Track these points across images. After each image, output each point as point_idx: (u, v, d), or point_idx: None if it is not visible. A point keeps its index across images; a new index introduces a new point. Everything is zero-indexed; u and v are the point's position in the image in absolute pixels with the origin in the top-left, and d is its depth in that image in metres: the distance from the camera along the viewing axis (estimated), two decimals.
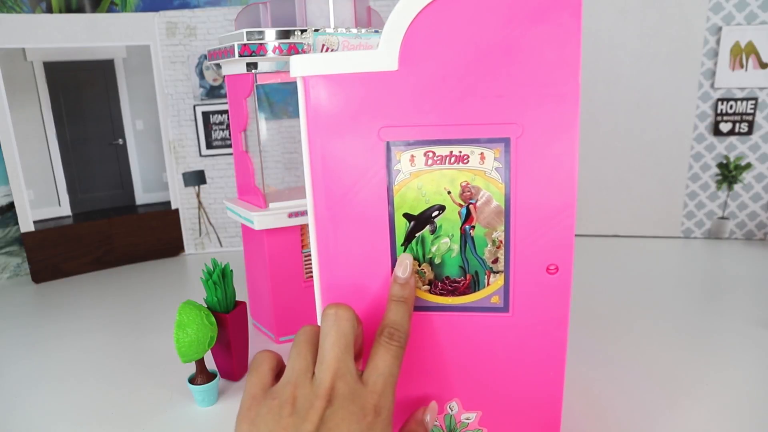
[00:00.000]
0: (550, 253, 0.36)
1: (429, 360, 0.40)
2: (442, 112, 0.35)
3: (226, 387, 0.65)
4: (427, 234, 0.37)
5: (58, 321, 0.86)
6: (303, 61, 0.35)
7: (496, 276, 0.38)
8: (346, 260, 0.38)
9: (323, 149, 0.36)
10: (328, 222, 0.37)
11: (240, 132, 0.75)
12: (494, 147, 0.35)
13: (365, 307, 0.38)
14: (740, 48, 1.01)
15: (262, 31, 0.66)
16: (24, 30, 0.98)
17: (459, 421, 0.41)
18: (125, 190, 1.13)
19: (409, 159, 0.36)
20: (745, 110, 1.04)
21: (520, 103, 0.34)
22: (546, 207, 0.36)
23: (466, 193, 0.36)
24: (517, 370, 0.39)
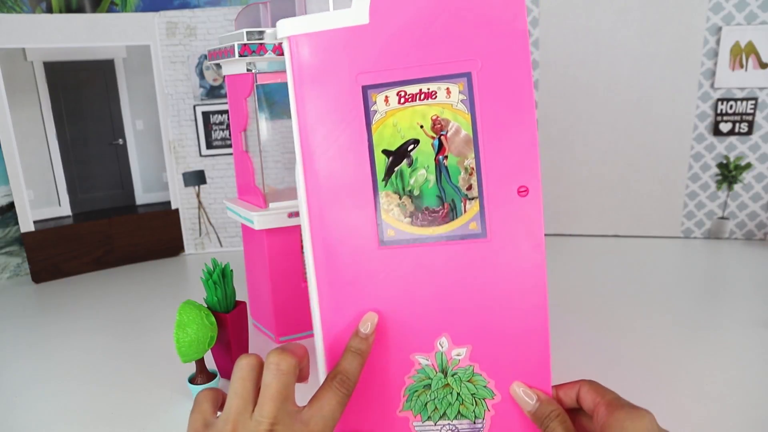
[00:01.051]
0: (518, 176, 0.39)
1: (416, 295, 0.41)
2: (410, 56, 0.39)
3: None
4: (405, 167, 0.40)
5: (58, 321, 0.86)
6: (287, 23, 0.39)
7: (472, 202, 0.40)
8: (332, 197, 0.41)
9: (307, 100, 0.40)
10: (315, 165, 0.41)
11: (240, 132, 0.75)
12: (458, 81, 0.39)
13: (349, 243, 0.41)
14: (740, 48, 1.01)
15: (262, 31, 0.66)
16: (24, 30, 0.98)
17: (450, 358, 0.42)
18: (125, 190, 1.13)
19: (384, 99, 0.40)
20: (745, 110, 1.04)
21: (477, 41, 0.39)
22: (509, 131, 0.39)
23: (437, 125, 0.40)
24: (501, 298, 0.41)
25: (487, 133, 0.40)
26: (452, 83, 0.39)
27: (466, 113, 0.40)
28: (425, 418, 0.42)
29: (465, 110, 0.40)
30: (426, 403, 0.42)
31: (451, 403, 0.42)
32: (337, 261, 0.41)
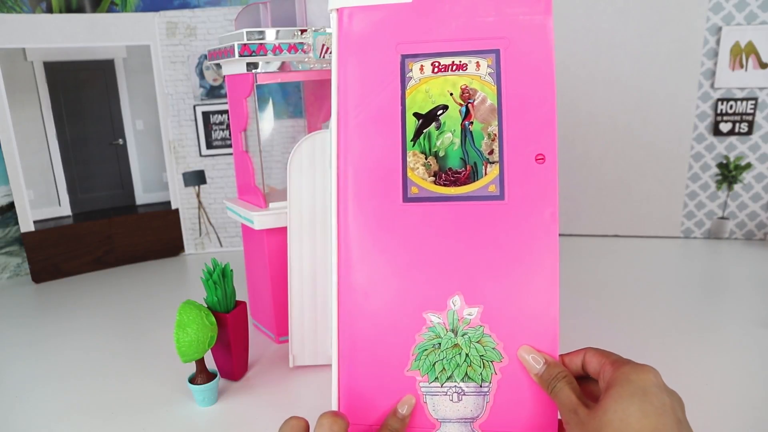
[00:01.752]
0: (537, 144, 0.43)
1: (433, 253, 0.43)
2: (446, 31, 0.43)
3: (226, 387, 0.65)
4: (433, 130, 0.44)
5: (58, 321, 0.86)
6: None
7: (492, 166, 0.43)
8: (363, 152, 0.44)
9: (349, 66, 0.44)
10: (351, 122, 0.44)
11: (240, 132, 0.75)
12: (487, 57, 0.43)
13: (375, 196, 0.44)
14: (740, 48, 1.01)
15: (262, 31, 0.66)
16: (24, 30, 0.98)
17: (461, 317, 0.43)
18: (125, 190, 1.13)
19: (419, 68, 0.44)
20: (745, 110, 1.04)
21: (507, 22, 0.43)
22: (530, 104, 0.43)
23: (465, 94, 0.44)
24: (515, 260, 0.43)
25: (510, 104, 0.43)
26: (482, 58, 0.43)
27: (492, 85, 0.43)
28: (432, 378, 0.43)
29: (492, 82, 0.43)
30: (434, 363, 0.43)
31: (459, 364, 0.43)
32: (362, 213, 0.44)
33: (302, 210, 0.65)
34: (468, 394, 0.43)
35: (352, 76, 0.44)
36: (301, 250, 0.66)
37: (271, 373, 0.68)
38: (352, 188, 0.44)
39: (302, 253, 0.66)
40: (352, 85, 0.44)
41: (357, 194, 0.44)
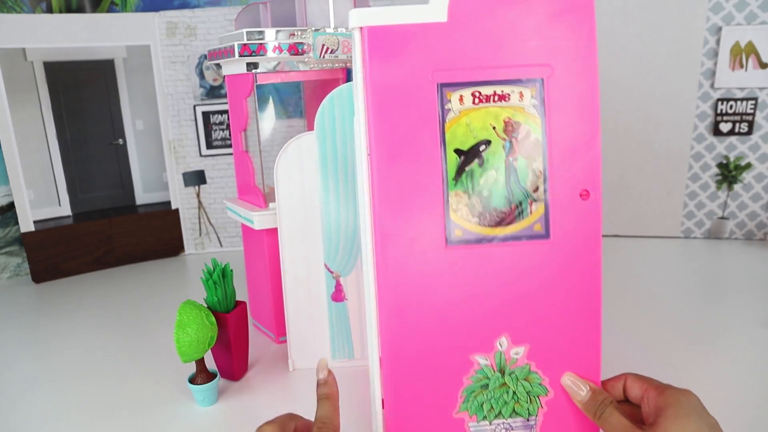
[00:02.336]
0: (582, 180, 0.41)
1: (479, 295, 0.42)
2: (487, 57, 0.40)
3: (226, 387, 0.65)
4: (476, 167, 0.41)
5: (58, 321, 0.86)
6: (361, 13, 0.39)
7: (538, 204, 0.41)
8: (400, 196, 0.40)
9: (380, 94, 0.39)
10: (386, 158, 0.40)
11: (240, 132, 0.75)
12: (531, 86, 0.40)
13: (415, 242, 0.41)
14: (740, 48, 1.01)
15: (262, 31, 0.66)
16: (24, 30, 0.98)
17: (509, 357, 0.43)
18: (125, 190, 1.13)
19: (459, 99, 0.40)
20: (745, 110, 1.04)
21: (551, 48, 0.40)
22: (576, 137, 0.41)
23: (509, 127, 0.41)
24: (559, 297, 0.42)
25: (554, 138, 0.41)
26: (525, 87, 0.41)
27: (536, 117, 0.41)
28: (480, 417, 0.43)
29: (536, 114, 0.41)
30: (482, 403, 0.43)
31: (507, 401, 0.43)
32: (401, 260, 0.41)
33: (292, 213, 0.65)
34: (515, 429, 0.43)
35: (383, 105, 0.39)
36: (293, 253, 0.66)
37: (271, 374, 0.68)
38: (390, 230, 0.40)
39: (294, 255, 0.66)
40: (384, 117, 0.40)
41: (396, 238, 0.40)
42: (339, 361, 0.68)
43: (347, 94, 0.60)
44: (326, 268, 0.65)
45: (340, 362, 0.68)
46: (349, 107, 0.60)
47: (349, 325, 0.67)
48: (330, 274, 0.65)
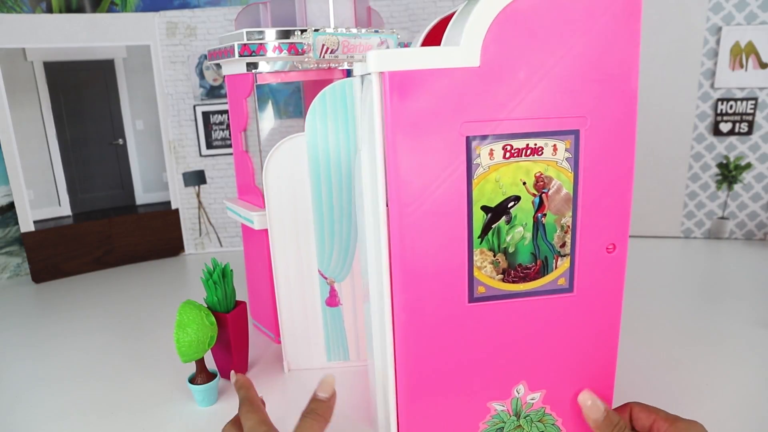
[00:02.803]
0: (609, 234, 0.40)
1: (499, 346, 0.41)
2: (520, 107, 0.37)
3: (226, 387, 0.65)
4: (503, 224, 0.39)
5: (58, 321, 0.86)
6: (383, 56, 0.35)
7: (563, 259, 0.40)
8: (423, 254, 0.38)
9: (403, 146, 0.36)
10: (408, 214, 0.37)
11: (240, 132, 0.75)
12: (565, 139, 0.38)
13: (436, 299, 0.39)
14: (740, 48, 1.01)
15: (262, 31, 0.66)
16: (24, 30, 0.98)
17: (525, 402, 0.43)
18: (125, 190, 1.13)
19: (489, 153, 0.37)
20: (745, 110, 1.04)
21: (588, 98, 0.37)
22: (607, 190, 0.39)
23: (540, 182, 0.39)
24: (578, 346, 0.42)
25: (586, 192, 0.39)
26: (560, 140, 0.38)
27: (569, 172, 0.39)
28: None
29: (569, 169, 0.39)
30: None
31: None
32: (424, 313, 0.39)
33: (283, 219, 0.64)
34: None
35: (406, 159, 0.36)
36: (286, 258, 0.65)
37: (271, 373, 0.68)
38: (411, 287, 0.39)
39: (287, 260, 0.65)
40: (407, 171, 0.36)
41: (417, 294, 0.39)
42: (335, 363, 0.68)
43: (339, 92, 0.59)
44: (320, 275, 0.65)
45: (336, 364, 0.68)
46: (342, 106, 0.60)
47: (344, 329, 0.67)
48: (324, 280, 0.65)
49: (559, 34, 0.36)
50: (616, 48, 0.37)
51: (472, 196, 0.38)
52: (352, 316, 0.66)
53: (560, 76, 0.37)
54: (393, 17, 1.11)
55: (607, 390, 0.43)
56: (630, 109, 0.39)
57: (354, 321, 0.66)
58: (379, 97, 0.36)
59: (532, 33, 0.36)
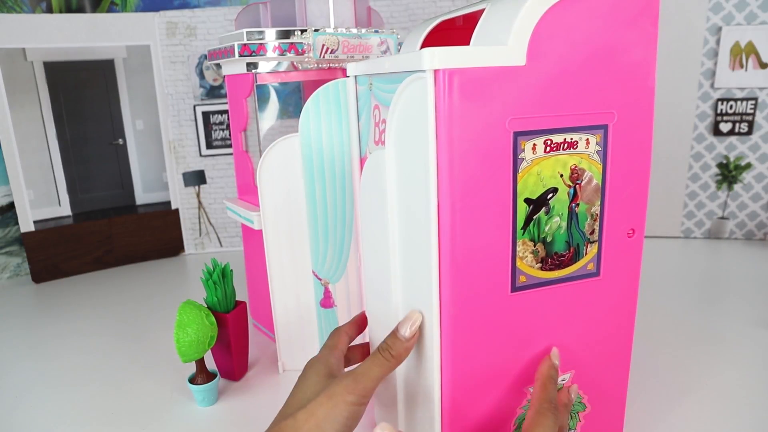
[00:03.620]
0: (630, 220, 0.43)
1: (537, 333, 0.43)
2: (560, 104, 0.39)
3: (226, 387, 0.65)
4: (543, 215, 0.41)
5: (58, 321, 0.86)
6: (436, 53, 0.36)
7: (592, 245, 0.43)
8: (471, 248, 0.40)
9: (458, 142, 0.38)
10: (460, 205, 0.39)
11: (240, 132, 0.75)
12: (597, 133, 0.41)
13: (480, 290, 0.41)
14: (740, 48, 1.01)
15: (262, 31, 0.66)
16: (24, 30, 0.98)
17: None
18: (125, 190, 1.13)
19: (532, 148, 0.39)
20: (745, 110, 1.04)
21: (616, 94, 0.41)
22: (629, 180, 0.43)
23: (575, 174, 0.41)
24: (602, 324, 0.45)
25: (612, 182, 0.42)
26: (591, 134, 0.41)
27: (599, 163, 0.42)
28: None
29: (598, 161, 0.42)
30: None
31: None
32: (468, 310, 0.40)
33: (277, 219, 0.64)
34: None
35: (458, 153, 0.37)
36: (280, 255, 0.65)
37: (271, 373, 0.68)
38: (460, 281, 0.40)
39: (281, 257, 0.65)
40: (459, 165, 0.38)
41: (465, 288, 0.40)
42: None
43: (333, 93, 0.59)
44: (314, 275, 0.65)
45: None
46: (335, 106, 0.59)
47: None
48: (318, 281, 0.65)
49: (591, 34, 0.39)
50: (637, 47, 0.40)
51: (517, 189, 0.40)
52: (346, 318, 0.65)
53: (592, 73, 0.39)
54: (393, 17, 1.11)
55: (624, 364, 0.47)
56: (648, 105, 0.42)
57: None
58: (433, 94, 0.37)
59: (568, 33, 0.38)
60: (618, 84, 0.40)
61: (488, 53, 0.37)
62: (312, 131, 0.60)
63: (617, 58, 0.40)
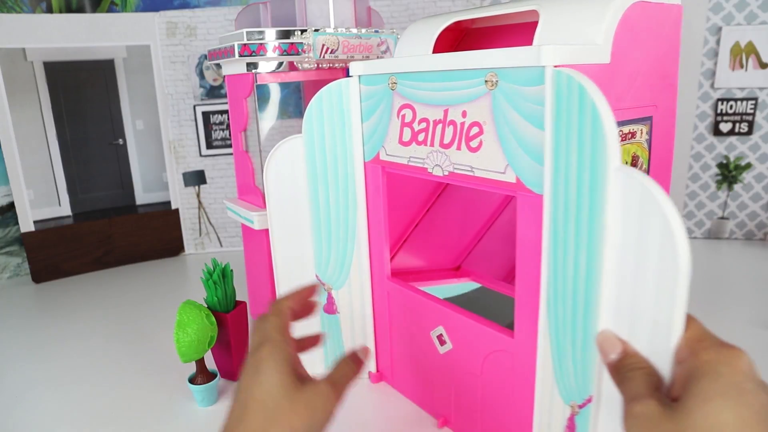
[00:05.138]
0: None
1: None
2: (630, 98, 0.44)
3: (226, 387, 0.65)
4: None
5: (58, 321, 0.86)
6: (555, 51, 0.38)
7: None
8: None
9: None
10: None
11: (240, 132, 0.75)
12: (647, 123, 0.46)
13: None
14: (740, 48, 1.01)
15: (262, 31, 0.66)
16: (24, 30, 0.98)
17: None
18: (125, 190, 1.13)
19: None
20: (745, 110, 1.04)
21: (657, 89, 0.46)
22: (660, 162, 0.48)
23: (634, 160, 0.46)
24: None
25: (653, 165, 0.48)
26: (644, 125, 0.46)
27: (646, 150, 0.47)
28: None
29: (647, 148, 0.47)
30: None
31: None
32: None
33: (284, 218, 0.62)
34: None
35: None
36: (287, 257, 0.63)
37: None
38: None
39: (288, 259, 0.63)
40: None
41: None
42: None
43: (336, 93, 0.57)
44: (318, 280, 0.63)
45: None
46: (338, 108, 0.57)
47: (342, 338, 0.64)
48: (322, 286, 0.63)
49: (647, 35, 0.44)
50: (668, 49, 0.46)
51: None
52: (349, 325, 0.64)
53: (647, 71, 0.44)
54: (393, 17, 1.11)
55: None
56: (673, 99, 0.48)
57: (351, 330, 0.64)
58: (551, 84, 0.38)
59: (635, 34, 0.43)
60: (658, 80, 0.46)
61: (588, 51, 0.40)
62: (315, 134, 0.59)
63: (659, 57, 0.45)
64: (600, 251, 0.36)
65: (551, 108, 0.38)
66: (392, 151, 0.54)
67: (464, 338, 0.52)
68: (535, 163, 0.41)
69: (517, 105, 0.41)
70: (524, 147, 0.41)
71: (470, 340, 0.51)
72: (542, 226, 0.41)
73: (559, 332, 0.40)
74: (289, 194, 0.62)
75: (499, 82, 0.42)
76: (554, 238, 0.40)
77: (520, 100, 0.41)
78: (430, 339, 0.56)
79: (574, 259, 0.38)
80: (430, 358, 0.56)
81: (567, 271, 0.39)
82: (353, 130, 0.57)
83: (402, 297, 0.59)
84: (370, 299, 0.62)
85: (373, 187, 0.58)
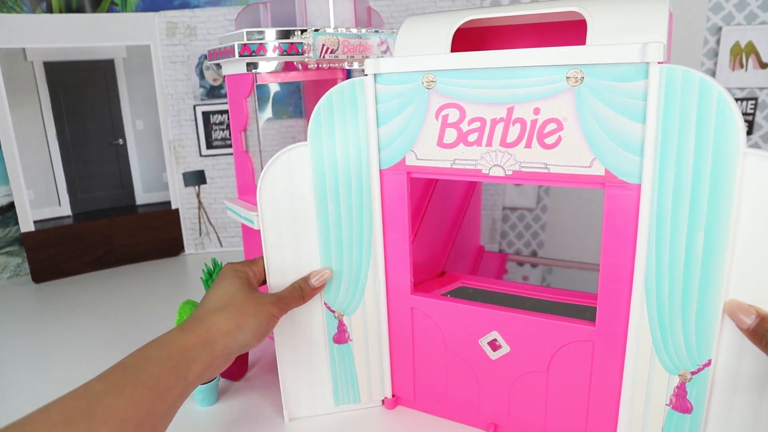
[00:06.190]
0: None
1: None
2: None
3: (226, 387, 0.65)
4: None
5: (58, 321, 0.86)
6: (658, 48, 0.40)
7: None
8: None
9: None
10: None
11: (240, 132, 0.75)
12: None
13: None
14: (740, 48, 1.01)
15: (262, 31, 0.66)
16: (24, 30, 0.98)
17: None
18: (125, 190, 1.13)
19: None
20: (745, 110, 1.04)
21: None
22: None
23: None
24: None
25: None
26: None
27: None
28: None
29: None
30: None
31: None
32: None
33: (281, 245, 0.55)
34: None
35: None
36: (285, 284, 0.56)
37: (271, 373, 0.68)
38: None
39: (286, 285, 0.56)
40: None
41: None
42: (343, 408, 0.61)
43: (349, 94, 0.52)
44: (326, 308, 0.58)
45: (345, 408, 0.61)
46: (352, 110, 0.52)
47: (355, 367, 0.59)
48: (331, 314, 0.58)
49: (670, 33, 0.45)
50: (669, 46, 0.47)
51: None
52: (363, 352, 0.59)
53: None
54: (393, 17, 1.12)
55: None
56: None
57: (366, 357, 0.59)
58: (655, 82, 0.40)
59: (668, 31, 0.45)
60: None
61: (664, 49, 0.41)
62: (324, 139, 0.53)
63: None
64: (725, 228, 0.40)
65: (657, 102, 0.41)
66: (427, 154, 0.51)
67: (527, 338, 0.51)
68: (629, 154, 0.43)
69: (609, 100, 0.43)
70: (616, 140, 0.43)
71: (535, 338, 0.51)
72: (639, 211, 0.43)
73: (664, 309, 0.44)
74: (289, 214, 0.55)
75: (585, 78, 0.43)
76: (659, 221, 0.42)
77: (613, 95, 0.42)
78: (477, 347, 0.54)
79: (688, 239, 0.41)
80: (478, 367, 0.55)
81: (677, 251, 0.42)
82: (370, 134, 0.53)
83: (434, 311, 0.55)
84: (386, 320, 0.58)
85: (394, 197, 0.54)
